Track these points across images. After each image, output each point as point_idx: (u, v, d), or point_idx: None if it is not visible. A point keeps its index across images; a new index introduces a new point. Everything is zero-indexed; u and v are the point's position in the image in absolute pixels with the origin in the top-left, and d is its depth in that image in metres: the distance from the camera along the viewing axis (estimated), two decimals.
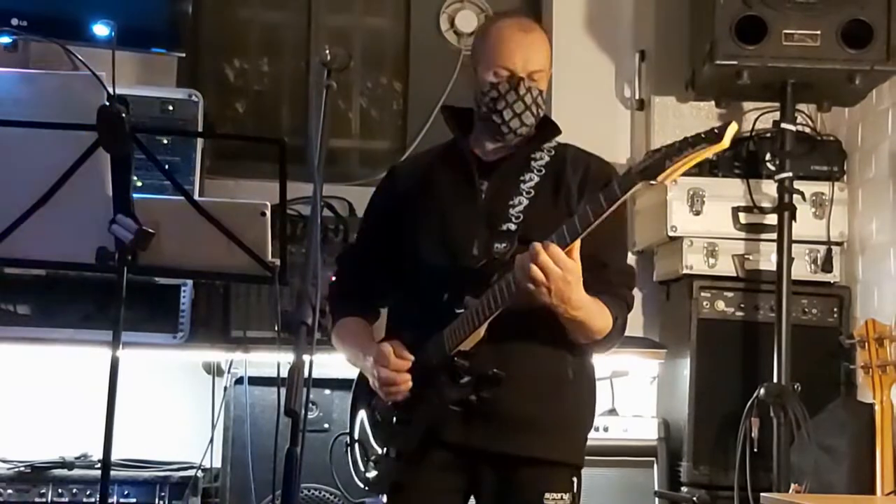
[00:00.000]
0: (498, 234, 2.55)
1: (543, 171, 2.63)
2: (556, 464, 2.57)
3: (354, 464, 2.74)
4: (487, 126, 2.65)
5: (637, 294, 4.24)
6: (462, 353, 2.49)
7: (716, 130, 2.21)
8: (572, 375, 2.58)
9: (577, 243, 2.33)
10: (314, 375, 2.04)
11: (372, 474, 2.69)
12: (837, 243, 3.96)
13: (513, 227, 2.55)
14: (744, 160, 3.97)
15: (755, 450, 3.57)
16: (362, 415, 2.74)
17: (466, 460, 2.57)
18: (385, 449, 2.65)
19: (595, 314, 2.46)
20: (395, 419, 2.63)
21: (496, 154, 2.67)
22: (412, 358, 2.55)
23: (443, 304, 2.53)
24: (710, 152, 2.22)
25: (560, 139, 2.73)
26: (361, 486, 2.74)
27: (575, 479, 2.59)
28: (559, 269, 2.31)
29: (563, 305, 2.38)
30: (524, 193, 2.60)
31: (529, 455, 2.53)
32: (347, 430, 2.78)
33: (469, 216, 2.60)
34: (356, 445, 2.74)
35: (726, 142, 2.20)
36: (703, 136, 2.22)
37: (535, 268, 2.31)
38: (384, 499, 2.72)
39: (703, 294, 3.90)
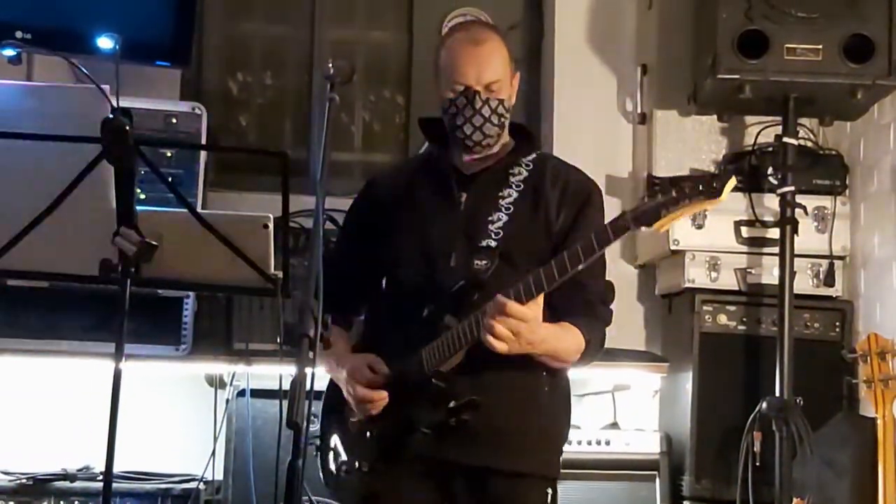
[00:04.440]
0: (477, 249, 2.54)
1: (522, 187, 2.63)
2: (530, 476, 2.57)
3: (325, 470, 2.72)
4: (455, 141, 2.66)
5: (639, 308, 4.30)
6: (440, 375, 2.49)
7: (714, 185, 2.22)
8: (547, 390, 2.59)
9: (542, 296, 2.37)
10: (316, 388, 2.04)
11: (343, 484, 2.67)
12: (840, 257, 3.96)
13: (493, 243, 2.55)
14: (746, 174, 3.96)
15: (757, 464, 3.56)
16: (334, 424, 2.72)
17: (440, 472, 2.57)
18: (357, 462, 2.63)
19: (560, 347, 2.49)
20: (367, 433, 2.61)
21: (474, 166, 2.67)
22: (388, 374, 2.55)
23: (422, 319, 2.53)
24: (706, 205, 2.24)
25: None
26: (331, 492, 2.72)
27: (550, 491, 2.59)
28: (512, 333, 2.35)
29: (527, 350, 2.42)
30: (503, 209, 2.59)
31: (502, 468, 2.53)
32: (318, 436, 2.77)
33: (448, 228, 2.60)
34: (329, 454, 2.71)
35: (724, 196, 2.22)
36: (700, 188, 2.23)
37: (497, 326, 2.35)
38: None
39: (705, 308, 3.90)
